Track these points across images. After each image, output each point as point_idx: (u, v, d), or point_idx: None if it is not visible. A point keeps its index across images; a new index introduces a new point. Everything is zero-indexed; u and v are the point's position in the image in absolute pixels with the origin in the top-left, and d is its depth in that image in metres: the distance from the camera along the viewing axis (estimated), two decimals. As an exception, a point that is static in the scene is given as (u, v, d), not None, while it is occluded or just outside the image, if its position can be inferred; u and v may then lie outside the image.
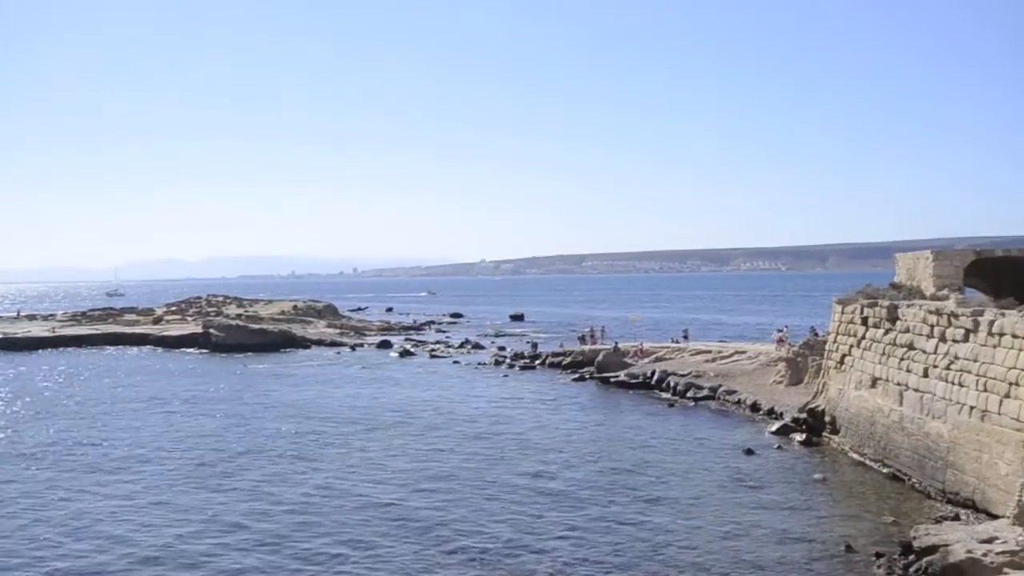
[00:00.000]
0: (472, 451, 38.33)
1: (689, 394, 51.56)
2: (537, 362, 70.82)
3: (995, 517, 24.20)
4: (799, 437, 39.12)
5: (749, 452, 36.80)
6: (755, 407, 46.19)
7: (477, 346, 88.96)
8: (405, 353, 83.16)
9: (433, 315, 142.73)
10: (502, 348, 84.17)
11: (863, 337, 36.48)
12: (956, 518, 25.88)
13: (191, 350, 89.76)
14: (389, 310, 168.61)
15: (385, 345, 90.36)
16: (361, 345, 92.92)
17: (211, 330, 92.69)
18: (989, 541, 21.41)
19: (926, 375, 30.56)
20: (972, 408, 27.24)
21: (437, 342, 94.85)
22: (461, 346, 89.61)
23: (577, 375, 62.30)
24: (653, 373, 56.62)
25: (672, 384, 53.77)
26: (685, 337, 70.47)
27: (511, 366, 70.68)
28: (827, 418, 39.12)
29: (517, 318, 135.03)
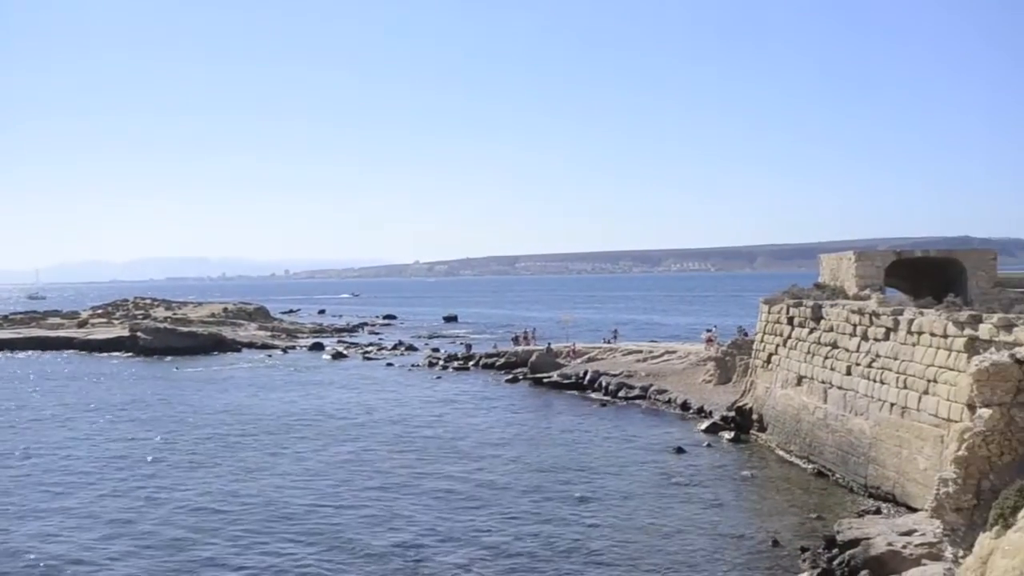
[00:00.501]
0: (405, 453, 38.24)
1: (621, 394, 52.09)
2: (471, 363, 70.84)
3: (914, 510, 24.92)
4: (728, 435, 39.81)
5: (679, 450, 37.34)
6: (685, 406, 46.89)
7: (411, 348, 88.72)
8: (338, 355, 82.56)
9: (366, 317, 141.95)
10: (436, 350, 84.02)
11: (789, 336, 37.29)
12: (878, 512, 26.62)
13: (117, 354, 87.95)
14: (321, 312, 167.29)
15: (317, 347, 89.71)
16: (293, 348, 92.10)
17: (138, 333, 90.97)
18: (908, 534, 22.09)
19: (849, 373, 31.37)
20: (893, 405, 28.05)
21: (370, 344, 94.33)
22: (394, 348, 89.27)
23: (511, 376, 62.48)
24: (585, 373, 57.07)
25: (604, 384, 54.25)
26: (615, 337, 71.18)
27: (445, 367, 70.62)
28: (755, 416, 39.89)
29: (451, 319, 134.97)
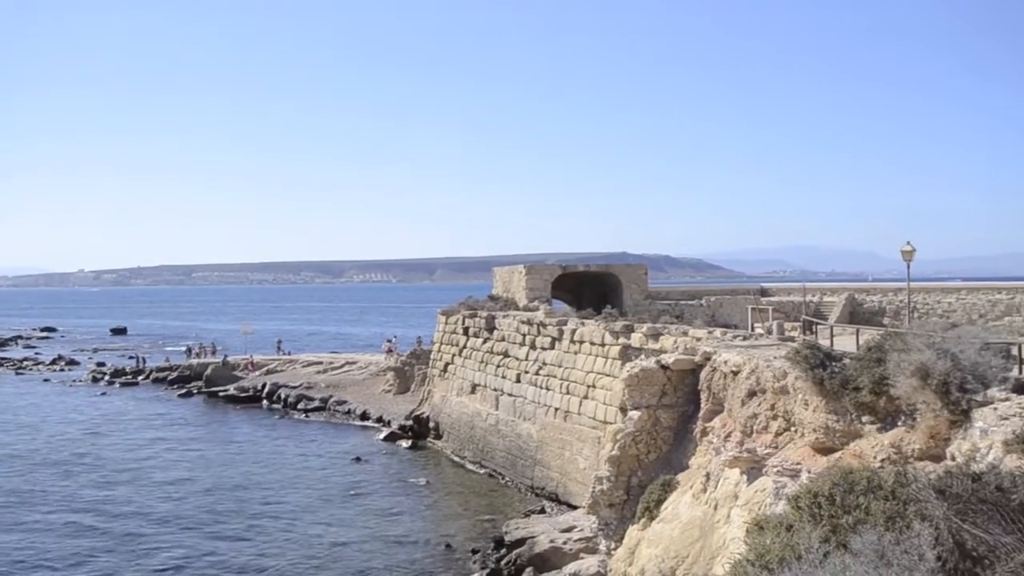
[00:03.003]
0: (61, 477, 35.37)
1: (300, 406, 51.48)
2: (140, 377, 67.15)
3: (575, 508, 26.72)
4: (406, 443, 40.53)
5: (358, 460, 37.48)
6: (365, 416, 47.16)
7: (72, 362, 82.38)
8: (-17, 371, 75.09)
9: (21, 329, 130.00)
10: (101, 364, 78.41)
11: (464, 346, 38.65)
12: (543, 511, 28.26)
13: None
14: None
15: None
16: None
17: None
18: (569, 530, 23.65)
19: (519, 380, 33.06)
20: (557, 409, 29.94)
21: (25, 359, 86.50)
22: (53, 363, 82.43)
23: (184, 390, 59.85)
24: (264, 386, 55.81)
25: (283, 396, 53.34)
26: (279, 349, 70.62)
27: (111, 383, 66.25)
28: (432, 424, 40.93)
29: (119, 332, 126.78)
